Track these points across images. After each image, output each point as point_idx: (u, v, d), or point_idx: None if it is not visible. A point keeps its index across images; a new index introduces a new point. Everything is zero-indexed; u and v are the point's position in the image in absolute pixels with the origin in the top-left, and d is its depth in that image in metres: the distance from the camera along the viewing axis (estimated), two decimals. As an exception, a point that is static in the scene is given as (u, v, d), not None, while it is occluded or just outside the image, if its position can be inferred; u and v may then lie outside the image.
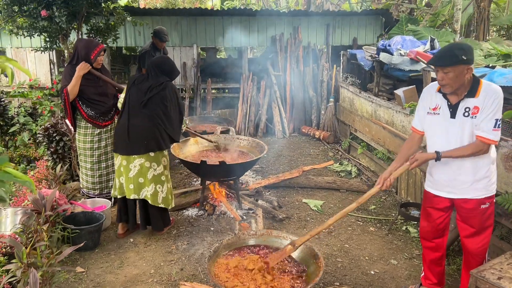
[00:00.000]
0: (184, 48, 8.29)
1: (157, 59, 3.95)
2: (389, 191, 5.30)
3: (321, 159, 6.69)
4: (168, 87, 3.83)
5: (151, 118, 3.77)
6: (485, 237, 2.88)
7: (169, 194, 3.98)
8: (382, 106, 5.58)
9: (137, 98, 3.80)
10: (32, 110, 6.59)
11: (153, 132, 3.77)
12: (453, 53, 2.59)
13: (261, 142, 4.98)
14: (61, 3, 5.01)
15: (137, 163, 3.78)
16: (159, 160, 3.86)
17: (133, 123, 3.78)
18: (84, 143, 4.44)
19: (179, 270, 3.54)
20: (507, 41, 10.02)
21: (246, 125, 8.15)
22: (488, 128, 2.62)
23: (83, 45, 4.30)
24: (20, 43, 7.82)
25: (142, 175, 3.80)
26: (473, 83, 2.70)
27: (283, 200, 5.06)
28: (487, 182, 2.79)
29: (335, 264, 3.69)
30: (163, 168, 3.89)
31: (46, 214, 3.44)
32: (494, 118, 2.62)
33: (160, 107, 3.79)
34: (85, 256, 3.75)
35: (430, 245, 3.11)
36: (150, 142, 3.75)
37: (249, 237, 3.28)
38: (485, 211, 2.82)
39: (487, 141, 2.64)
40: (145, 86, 3.81)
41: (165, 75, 3.89)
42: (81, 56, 4.26)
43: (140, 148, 3.75)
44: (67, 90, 4.18)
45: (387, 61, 5.49)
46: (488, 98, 2.62)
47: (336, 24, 8.81)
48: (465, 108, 2.71)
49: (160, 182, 3.88)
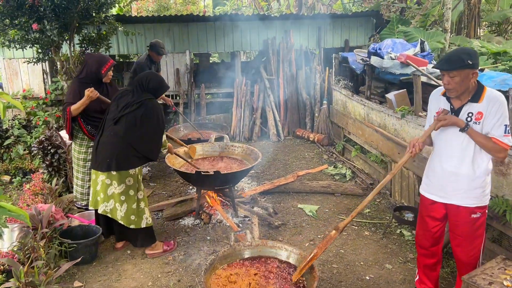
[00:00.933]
0: (177, 55, 8.31)
1: (144, 76, 3.84)
2: (384, 193, 5.35)
3: (316, 162, 6.74)
4: (145, 105, 3.70)
5: (120, 136, 3.66)
6: (475, 247, 2.90)
7: (130, 215, 3.78)
8: (374, 109, 5.63)
9: (112, 114, 3.75)
10: (26, 122, 6.59)
11: (117, 151, 3.66)
12: (460, 57, 2.64)
13: (255, 149, 5.02)
14: (52, 16, 5.03)
15: (100, 178, 3.74)
16: (121, 180, 3.71)
17: (102, 139, 3.73)
18: (79, 153, 4.45)
19: (177, 282, 3.58)
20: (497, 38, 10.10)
21: (240, 129, 8.19)
22: (499, 134, 2.66)
23: (94, 60, 4.26)
24: (13, 54, 7.82)
25: (103, 191, 3.75)
26: (477, 88, 2.74)
27: (279, 206, 5.10)
28: (481, 193, 2.81)
29: (330, 271, 3.73)
30: (125, 187, 3.73)
31: (43, 231, 3.46)
32: (504, 124, 2.65)
33: (133, 126, 3.67)
34: (82, 270, 3.77)
35: (425, 252, 3.16)
36: (111, 161, 3.65)
37: (244, 248, 3.31)
38: (476, 221, 2.84)
39: (501, 144, 2.65)
40: (123, 102, 3.74)
41: (150, 92, 3.80)
42: (91, 71, 4.22)
43: (103, 165, 3.67)
44: (71, 110, 4.12)
45: (378, 65, 5.54)
46: (491, 104, 2.66)
47: (328, 27, 8.86)
48: (468, 113, 2.75)
49: (119, 201, 3.74)
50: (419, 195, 4.45)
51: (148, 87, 3.80)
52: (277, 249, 3.30)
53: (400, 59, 5.27)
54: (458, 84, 2.68)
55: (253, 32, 8.55)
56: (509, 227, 3.30)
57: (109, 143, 3.70)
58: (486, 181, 2.82)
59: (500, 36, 10.92)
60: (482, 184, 2.80)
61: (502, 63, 5.70)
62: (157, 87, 3.86)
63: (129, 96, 3.77)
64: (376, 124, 5.60)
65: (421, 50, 5.63)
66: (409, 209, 4.46)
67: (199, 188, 4.70)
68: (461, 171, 2.80)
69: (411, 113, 4.75)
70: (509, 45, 7.25)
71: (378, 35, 8.73)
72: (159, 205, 4.99)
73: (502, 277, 2.73)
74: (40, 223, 3.53)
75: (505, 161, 3.31)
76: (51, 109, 7.81)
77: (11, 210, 1.41)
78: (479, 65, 2.71)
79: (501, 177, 3.38)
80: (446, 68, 2.68)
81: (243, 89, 8.26)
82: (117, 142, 3.68)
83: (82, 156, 4.42)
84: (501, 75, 4.13)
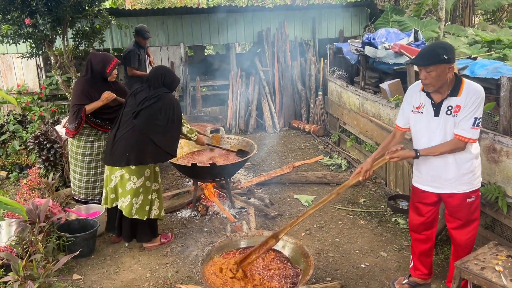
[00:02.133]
0: (171, 47, 8.29)
1: (160, 70, 3.87)
2: (379, 182, 5.40)
3: (312, 153, 6.77)
4: (164, 99, 3.76)
5: (140, 130, 3.69)
6: (473, 229, 2.97)
7: (145, 205, 3.80)
8: (368, 99, 5.65)
9: (130, 108, 3.76)
10: (21, 117, 6.59)
11: (138, 145, 3.68)
12: (435, 52, 2.66)
13: (251, 141, 5.04)
14: (44, 10, 5.01)
15: (118, 174, 3.73)
16: (141, 173, 3.73)
17: (120, 134, 3.74)
18: (77, 148, 4.45)
19: (175, 273, 3.62)
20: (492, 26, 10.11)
21: (236, 121, 8.20)
22: (467, 126, 2.69)
23: (99, 60, 4.26)
24: (6, 49, 7.78)
25: (122, 186, 3.74)
26: (455, 82, 2.76)
27: (275, 197, 5.14)
28: (471, 177, 2.86)
29: (326, 259, 3.78)
30: (143, 180, 3.75)
31: (41, 225, 3.49)
32: (473, 117, 2.68)
33: (152, 119, 3.71)
34: (81, 263, 3.80)
35: (419, 238, 3.20)
36: (131, 155, 3.65)
37: (241, 238, 3.35)
38: (471, 204, 2.91)
39: (463, 139, 2.72)
40: (141, 96, 3.76)
41: (166, 86, 3.84)
42: (97, 70, 4.23)
43: (121, 160, 3.67)
44: (86, 110, 4.15)
45: (372, 55, 5.55)
46: (469, 97, 2.69)
47: (322, 17, 8.84)
48: (448, 106, 2.77)
49: (137, 194, 3.75)
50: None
51: (164, 81, 3.84)
52: (273, 239, 3.33)
53: (394, 48, 5.28)
54: (435, 79, 2.70)
55: (247, 24, 8.53)
56: (501, 213, 3.35)
57: (128, 138, 3.70)
58: (475, 164, 2.85)
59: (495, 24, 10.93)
60: (471, 168, 2.84)
61: (496, 51, 5.72)
62: (171, 81, 3.90)
63: (146, 91, 3.79)
64: (370, 114, 5.63)
65: (415, 40, 5.64)
66: (403, 198, 4.50)
67: (195, 180, 4.73)
68: (447, 160, 2.84)
69: (405, 102, 4.77)
70: (503, 33, 7.26)
71: (372, 25, 8.72)
72: (156, 198, 5.01)
73: (494, 262, 2.78)
74: (38, 217, 3.55)
75: (497, 148, 3.35)
76: (46, 104, 7.80)
77: (7, 204, 1.43)
78: (455, 59, 2.71)
79: (493, 164, 3.42)
80: (422, 64, 2.71)
81: (238, 81, 8.26)
82: (136, 136, 3.69)
83: (81, 150, 4.43)
84: (494, 63, 4.14)
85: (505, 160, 3.31)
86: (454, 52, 2.71)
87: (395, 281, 3.41)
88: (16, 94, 7.92)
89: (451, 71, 2.70)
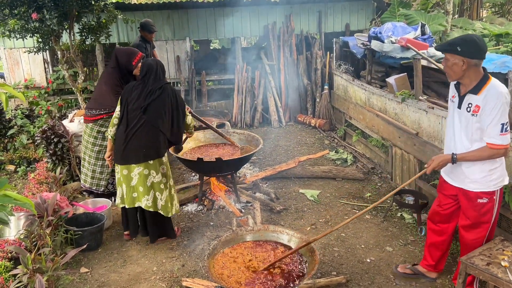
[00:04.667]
0: (177, 42, 8.29)
1: (155, 62, 3.85)
2: (385, 177, 5.40)
3: (317, 148, 6.77)
4: (167, 89, 3.78)
5: (152, 124, 3.69)
6: (480, 232, 2.91)
7: (168, 202, 3.84)
8: (375, 94, 5.63)
9: (137, 104, 3.72)
10: (28, 112, 6.63)
11: (154, 139, 3.71)
12: (455, 41, 2.67)
13: (256, 135, 5.05)
14: (51, 5, 5.02)
15: (136, 171, 3.70)
16: (157, 168, 3.75)
17: (132, 131, 3.69)
18: (89, 136, 4.55)
19: (181, 267, 3.65)
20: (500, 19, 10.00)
21: (242, 116, 8.20)
22: (495, 133, 2.64)
23: (123, 53, 4.49)
24: (13, 44, 7.82)
25: (142, 184, 3.72)
26: (481, 79, 2.70)
27: (280, 191, 5.15)
28: (483, 177, 2.80)
29: (332, 254, 3.79)
30: (161, 176, 3.78)
31: (49, 219, 3.53)
32: (500, 123, 2.61)
33: (161, 111, 3.72)
34: (88, 256, 3.85)
35: (433, 228, 3.21)
36: (149, 150, 3.68)
37: (246, 233, 3.37)
38: (482, 206, 2.84)
39: (495, 147, 2.66)
40: (145, 91, 3.74)
41: (162, 77, 3.84)
42: (122, 62, 4.41)
43: (139, 156, 3.67)
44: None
45: (378, 49, 5.51)
46: (489, 101, 2.62)
47: (328, 11, 8.79)
48: (468, 103, 2.75)
49: (159, 189, 3.77)
50: (420, 179, 4.51)
51: (163, 71, 3.88)
52: (278, 233, 3.36)
53: (401, 42, 5.24)
54: (449, 68, 2.71)
55: (253, 17, 8.50)
56: (508, 209, 3.34)
57: (141, 134, 3.68)
58: (489, 167, 2.78)
59: (503, 17, 10.81)
60: (483, 168, 2.78)
61: (504, 45, 5.66)
62: (164, 71, 3.92)
63: (146, 85, 3.77)
64: (377, 108, 5.61)
65: (422, 34, 5.59)
66: (409, 193, 4.49)
67: (201, 175, 4.75)
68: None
69: (411, 97, 4.75)
70: (511, 26, 7.18)
71: (379, 18, 8.65)
72: (162, 192, 5.04)
73: (500, 257, 2.78)
74: (46, 211, 3.59)
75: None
76: (53, 99, 7.85)
77: (16, 199, 1.45)
78: (474, 55, 2.63)
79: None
80: (439, 48, 2.77)
81: (244, 75, 8.25)
82: (148, 130, 3.70)
83: (92, 140, 4.52)
84: (502, 57, 4.11)
85: (511, 155, 3.29)
86: (476, 48, 2.63)
87: (398, 266, 3.47)
88: (23, 88, 7.98)
89: (465, 64, 2.66)
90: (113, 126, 3.85)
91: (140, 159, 3.68)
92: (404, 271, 3.41)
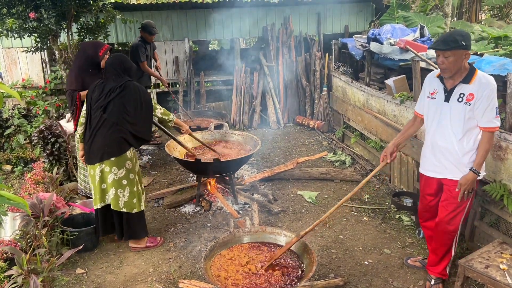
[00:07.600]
0: (175, 42, 8.28)
1: (117, 58, 3.76)
2: (383, 179, 5.38)
3: (316, 149, 6.75)
4: (129, 87, 3.66)
5: (112, 122, 3.61)
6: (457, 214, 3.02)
7: (133, 198, 3.75)
8: (373, 95, 5.62)
9: (98, 104, 3.66)
10: (26, 112, 6.60)
11: (115, 136, 3.62)
12: (454, 38, 2.80)
13: (254, 136, 5.03)
14: (49, 5, 5.01)
15: (98, 170, 3.67)
16: (121, 165, 3.67)
17: (94, 131, 3.66)
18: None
19: (178, 268, 3.62)
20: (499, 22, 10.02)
21: (240, 117, 8.18)
22: (492, 117, 2.82)
23: (89, 46, 4.45)
24: (11, 43, 7.79)
25: (105, 180, 3.69)
26: (469, 70, 2.90)
27: (278, 192, 5.13)
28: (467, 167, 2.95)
29: (329, 256, 3.77)
30: (125, 171, 3.69)
31: (45, 219, 3.50)
32: (495, 107, 2.82)
33: (123, 109, 3.63)
34: (84, 257, 3.82)
35: (424, 224, 3.37)
36: (108, 149, 3.61)
37: (244, 234, 3.35)
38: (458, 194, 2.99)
39: (493, 130, 2.84)
40: (105, 89, 3.67)
41: (127, 74, 3.74)
42: (89, 54, 4.33)
43: (102, 154, 3.61)
44: (80, 95, 4.24)
45: (377, 51, 5.50)
46: (482, 88, 2.80)
47: (327, 13, 8.80)
48: (460, 94, 2.90)
49: (121, 186, 3.68)
50: (418, 181, 4.49)
51: (125, 68, 3.74)
52: (276, 235, 3.34)
53: (400, 44, 5.24)
54: (452, 64, 2.84)
55: (252, 18, 8.49)
56: (507, 212, 3.33)
57: (102, 133, 3.63)
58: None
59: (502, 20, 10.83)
60: (472, 159, 2.93)
61: (503, 47, 5.66)
62: (130, 66, 3.79)
63: (108, 83, 3.69)
64: (375, 110, 5.60)
65: (421, 36, 5.59)
66: (408, 195, 4.48)
67: (199, 176, 4.73)
68: (452, 147, 2.96)
69: (410, 98, 4.74)
70: (510, 29, 7.18)
71: (378, 20, 8.66)
72: (160, 193, 5.02)
73: (499, 260, 2.77)
74: (42, 211, 3.56)
75: (503, 145, 3.32)
76: (50, 98, 7.81)
77: (10, 199, 1.42)
78: (471, 46, 2.87)
79: (499, 162, 3.39)
80: (441, 48, 2.84)
81: (243, 76, 8.24)
82: (109, 129, 3.62)
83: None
84: (500, 59, 4.10)
85: (510, 158, 3.28)
86: (470, 40, 2.86)
87: (409, 258, 3.61)
88: (21, 88, 7.94)
89: (467, 57, 2.85)
90: (81, 125, 3.80)
91: (102, 157, 3.62)
92: (414, 263, 3.56)
